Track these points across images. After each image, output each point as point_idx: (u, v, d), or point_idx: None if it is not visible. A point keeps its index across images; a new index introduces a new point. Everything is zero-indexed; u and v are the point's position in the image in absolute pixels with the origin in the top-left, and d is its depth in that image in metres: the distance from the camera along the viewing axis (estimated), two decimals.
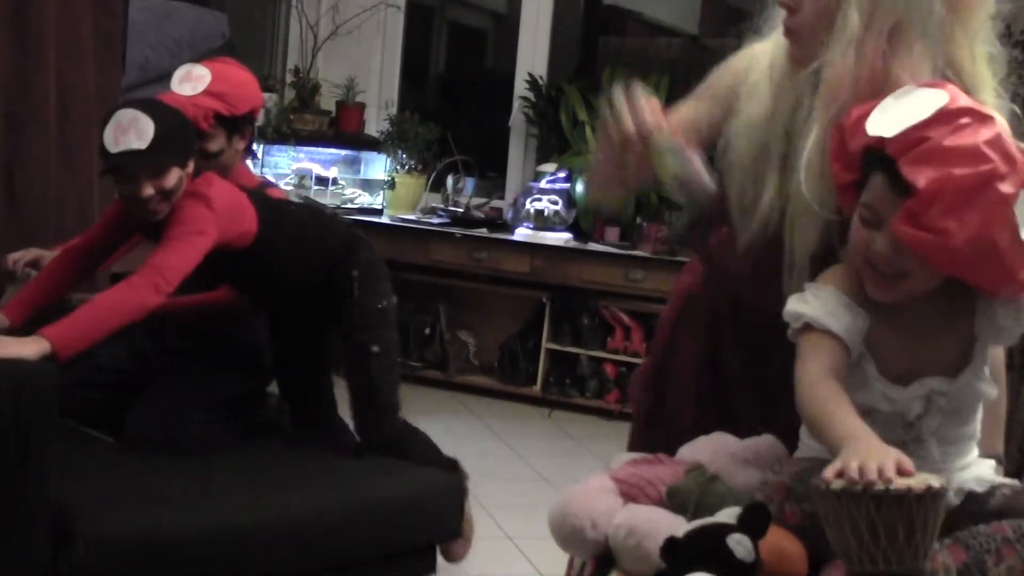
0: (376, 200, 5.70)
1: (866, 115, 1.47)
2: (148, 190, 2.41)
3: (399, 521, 2.70)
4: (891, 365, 1.53)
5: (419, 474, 2.80)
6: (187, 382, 2.77)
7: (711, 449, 1.67)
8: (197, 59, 2.82)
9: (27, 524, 2.14)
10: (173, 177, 2.43)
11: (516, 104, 5.73)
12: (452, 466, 2.97)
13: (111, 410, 2.74)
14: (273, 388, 3.07)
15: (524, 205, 5.37)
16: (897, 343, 1.53)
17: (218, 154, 2.80)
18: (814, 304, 1.52)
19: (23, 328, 2.38)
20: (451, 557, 2.97)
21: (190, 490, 2.46)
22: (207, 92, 2.73)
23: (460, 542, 2.98)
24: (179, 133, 2.48)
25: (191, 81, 2.75)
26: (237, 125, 2.82)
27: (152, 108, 2.44)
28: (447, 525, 2.85)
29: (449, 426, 2.93)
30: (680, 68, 5.46)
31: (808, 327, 1.52)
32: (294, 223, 2.72)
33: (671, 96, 1.55)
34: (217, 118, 2.76)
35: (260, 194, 2.69)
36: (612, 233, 5.27)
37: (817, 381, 1.47)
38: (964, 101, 1.44)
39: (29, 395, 2.10)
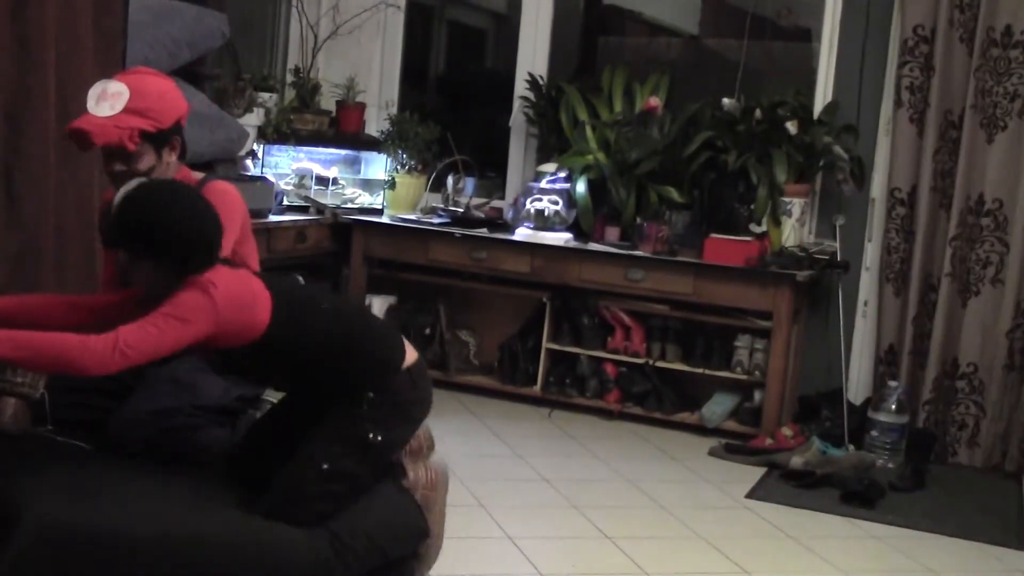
0: (376, 200, 5.70)
1: None
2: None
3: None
4: None
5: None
6: (171, 388, 2.72)
7: None
8: (197, 58, 2.79)
9: None
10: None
11: (516, 104, 5.73)
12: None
13: (95, 414, 2.70)
14: (268, 395, 3.01)
15: (524, 205, 5.37)
16: None
17: (148, 172, 2.62)
18: None
19: None
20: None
21: (148, 494, 2.37)
22: (128, 110, 2.57)
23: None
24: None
25: (108, 100, 2.57)
26: (165, 139, 2.66)
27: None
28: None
29: (449, 426, 2.92)
30: (680, 68, 5.44)
31: None
32: (314, 313, 2.46)
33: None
34: (143, 136, 2.59)
35: (281, 281, 2.46)
36: (612, 233, 5.27)
37: None
38: None
39: None
